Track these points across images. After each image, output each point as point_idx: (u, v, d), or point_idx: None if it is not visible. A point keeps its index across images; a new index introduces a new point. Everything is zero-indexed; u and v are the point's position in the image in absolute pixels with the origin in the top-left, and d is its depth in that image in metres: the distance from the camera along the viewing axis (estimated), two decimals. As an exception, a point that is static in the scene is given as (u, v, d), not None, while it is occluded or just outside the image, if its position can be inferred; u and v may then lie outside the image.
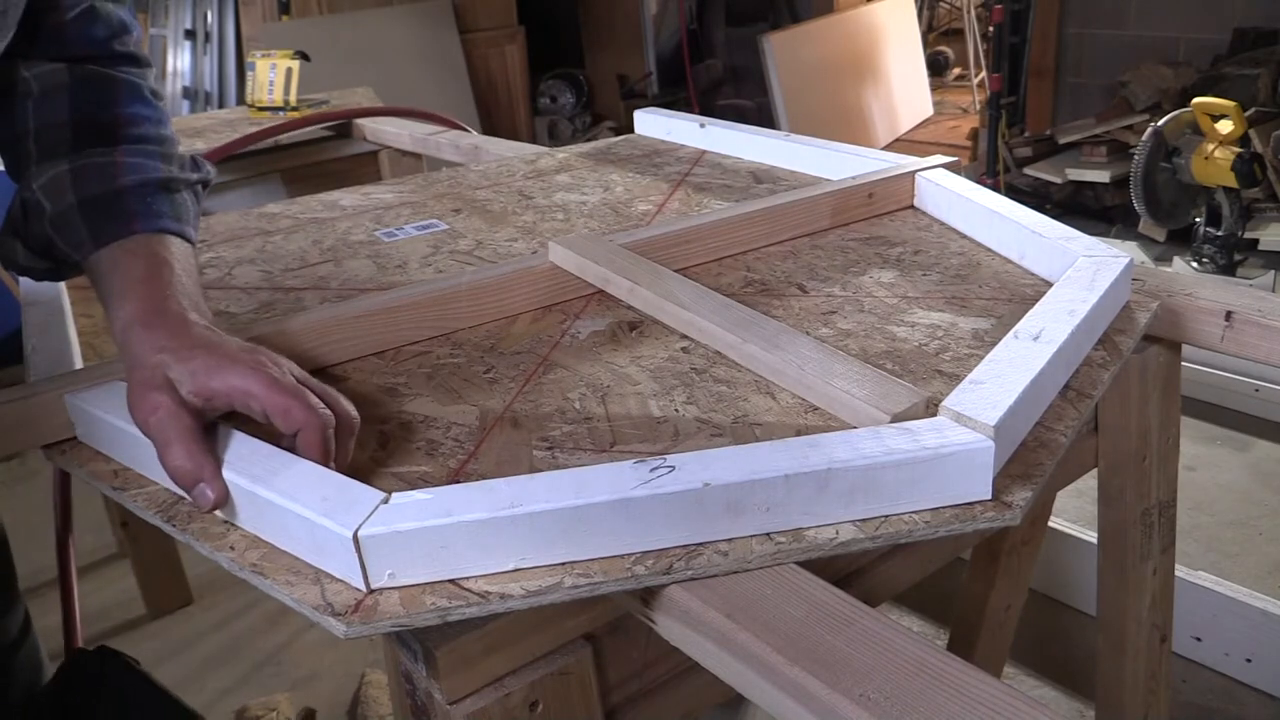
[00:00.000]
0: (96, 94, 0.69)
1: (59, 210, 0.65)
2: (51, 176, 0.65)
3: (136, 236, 0.65)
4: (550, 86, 5.15)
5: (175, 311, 0.60)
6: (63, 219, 0.65)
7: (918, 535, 0.52)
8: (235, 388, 0.55)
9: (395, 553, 0.48)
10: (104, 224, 0.65)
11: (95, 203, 0.65)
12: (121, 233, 0.64)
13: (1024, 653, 1.60)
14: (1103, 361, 0.69)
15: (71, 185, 0.65)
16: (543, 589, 0.49)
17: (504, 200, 1.14)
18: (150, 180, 0.67)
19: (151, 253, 0.64)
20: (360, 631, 0.47)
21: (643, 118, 1.45)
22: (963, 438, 0.53)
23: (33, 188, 0.66)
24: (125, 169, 0.66)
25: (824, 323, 0.77)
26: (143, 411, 0.56)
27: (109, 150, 0.67)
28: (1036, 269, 0.85)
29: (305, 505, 0.50)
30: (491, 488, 0.51)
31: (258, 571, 0.51)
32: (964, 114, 5.47)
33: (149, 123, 0.71)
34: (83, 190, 0.65)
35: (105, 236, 0.64)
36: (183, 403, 0.56)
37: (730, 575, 0.50)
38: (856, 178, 1.01)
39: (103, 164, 0.66)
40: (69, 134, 0.67)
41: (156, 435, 0.55)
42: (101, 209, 0.65)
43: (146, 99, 0.72)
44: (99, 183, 0.65)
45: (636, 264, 0.82)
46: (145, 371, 0.56)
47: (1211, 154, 2.76)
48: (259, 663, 1.76)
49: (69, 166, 0.65)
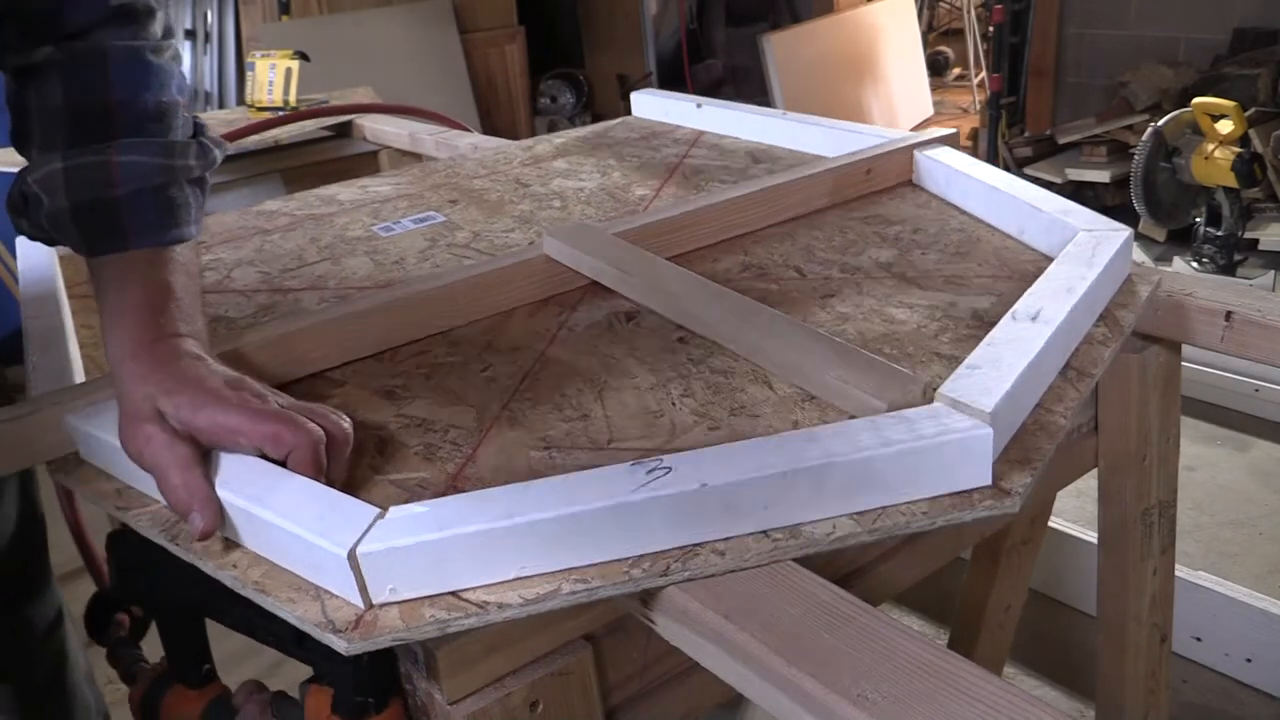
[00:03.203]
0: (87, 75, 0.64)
1: (53, 210, 0.63)
2: (47, 173, 0.63)
3: (131, 253, 0.63)
4: (550, 86, 5.15)
5: (166, 345, 0.59)
6: (57, 219, 0.63)
7: (916, 526, 0.52)
8: (220, 425, 0.55)
9: (394, 568, 0.48)
10: (97, 235, 0.63)
11: (88, 210, 0.62)
12: (116, 247, 0.63)
13: (1024, 653, 1.60)
14: (1103, 339, 0.68)
15: (64, 187, 0.62)
16: (540, 596, 0.49)
17: (501, 189, 1.14)
18: (146, 187, 0.64)
19: (146, 276, 0.62)
20: (362, 647, 0.47)
21: (640, 99, 1.43)
22: (960, 425, 0.52)
23: (28, 180, 0.64)
24: (121, 172, 0.63)
25: (821, 306, 0.76)
26: (135, 443, 0.56)
27: (103, 147, 0.63)
28: (1036, 244, 0.84)
29: (301, 524, 0.50)
30: (487, 497, 0.50)
31: (260, 589, 0.51)
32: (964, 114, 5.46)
33: (148, 93, 0.65)
34: (76, 194, 0.62)
35: (98, 248, 0.63)
36: (175, 431, 0.55)
37: (730, 575, 0.50)
38: (854, 154, 1.00)
39: (97, 164, 0.63)
40: (65, 121, 0.64)
41: (152, 467, 0.55)
42: (95, 218, 0.63)
43: (144, 62, 0.66)
44: (91, 188, 0.62)
45: (630, 254, 0.81)
46: (135, 405, 0.56)
47: (1211, 154, 2.76)
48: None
49: (62, 165, 0.63)
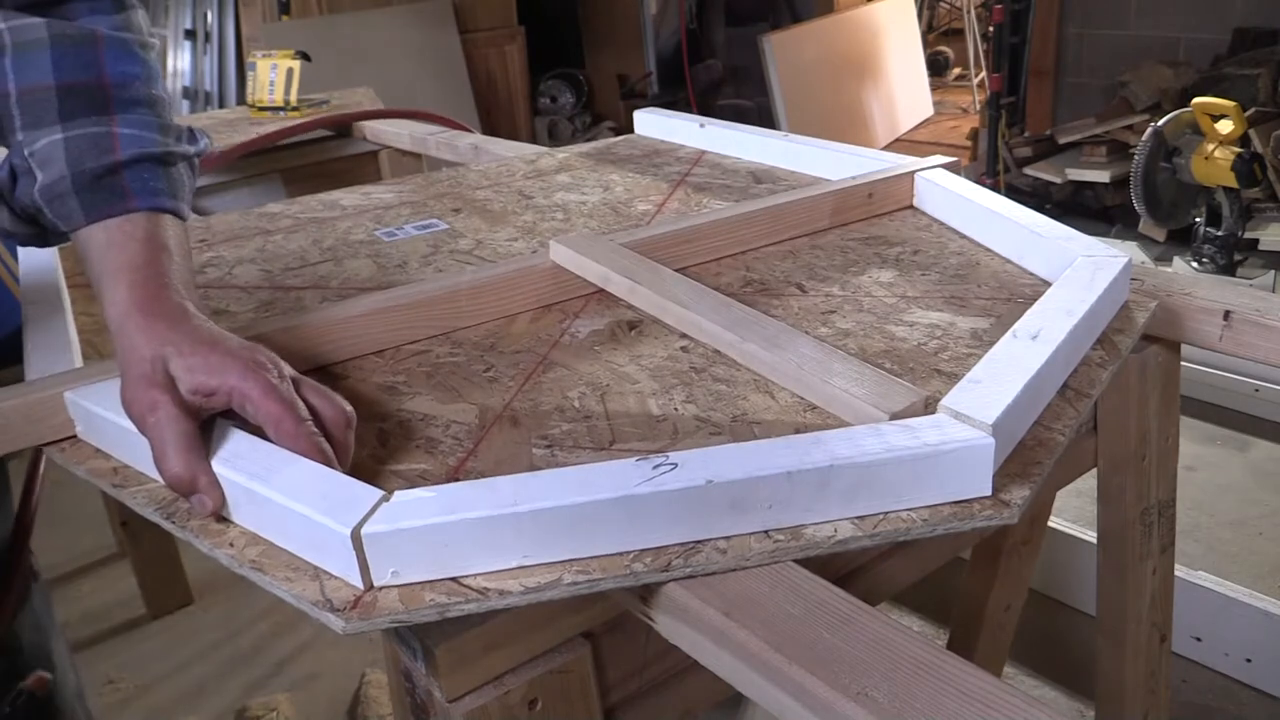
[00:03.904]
0: (78, 54, 0.64)
1: (50, 181, 0.62)
2: (46, 144, 0.62)
3: (132, 215, 0.63)
4: (550, 86, 5.15)
5: (175, 303, 0.59)
6: (54, 190, 0.62)
7: (916, 533, 0.52)
8: (234, 388, 0.55)
9: (398, 550, 0.48)
10: (98, 199, 0.62)
11: (90, 176, 0.62)
12: (116, 210, 0.62)
13: (1024, 653, 1.60)
14: (1101, 361, 0.69)
15: (65, 156, 0.62)
16: (541, 586, 0.49)
17: (504, 200, 1.14)
18: (147, 155, 0.64)
19: (148, 235, 0.62)
20: (359, 628, 0.47)
21: (643, 118, 1.45)
22: (964, 434, 0.53)
23: (24, 154, 0.63)
24: (122, 141, 0.63)
25: (823, 322, 0.77)
26: (140, 406, 0.55)
27: (104, 119, 0.64)
28: (1035, 269, 0.85)
29: (305, 503, 0.50)
30: (493, 485, 0.51)
31: (257, 568, 0.51)
32: (964, 114, 5.47)
33: (139, 82, 0.66)
34: (77, 163, 0.62)
35: (99, 213, 0.62)
36: (182, 403, 0.55)
37: (730, 573, 0.50)
38: (856, 178, 1.01)
39: (98, 134, 0.63)
40: (54, 100, 0.63)
41: (153, 436, 0.54)
42: (96, 183, 0.62)
43: (134, 54, 0.67)
44: (94, 155, 0.62)
45: (637, 263, 0.82)
46: (144, 365, 0.55)
47: (1211, 154, 2.76)
48: (259, 663, 1.76)
49: (63, 135, 0.63)
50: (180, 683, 1.71)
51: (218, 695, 1.68)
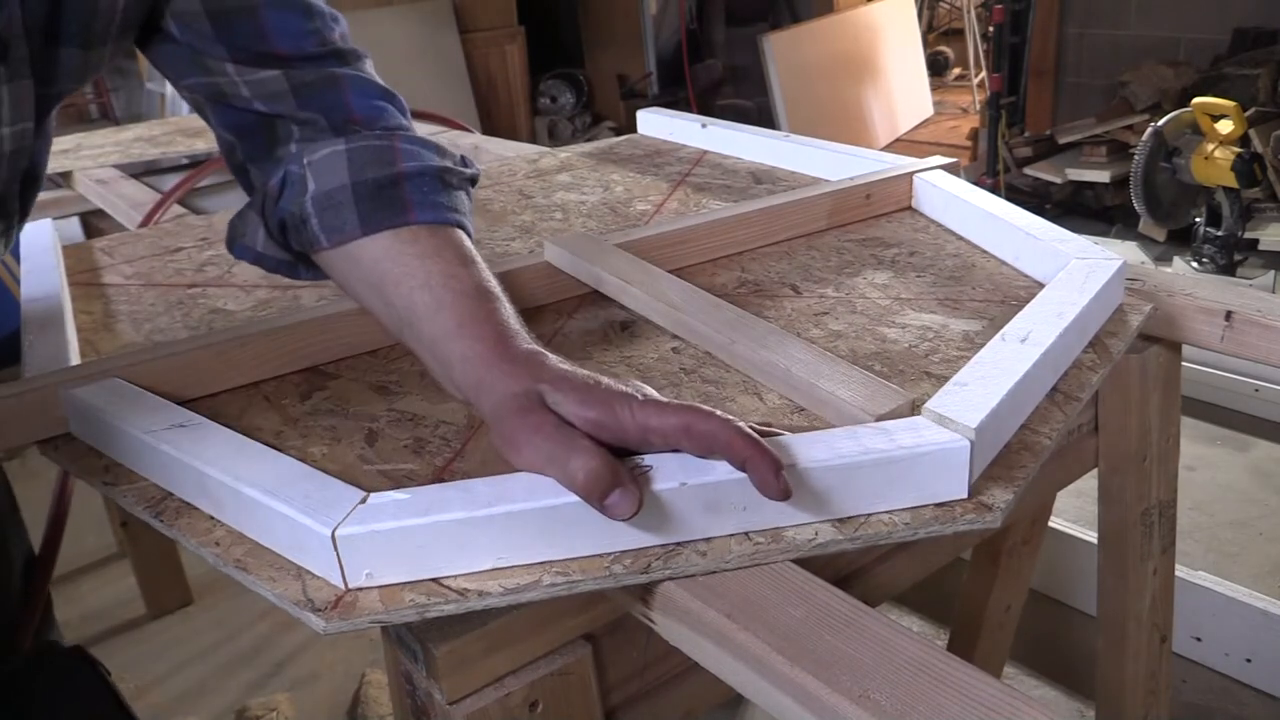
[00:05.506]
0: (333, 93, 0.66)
1: (328, 189, 0.62)
2: (328, 154, 0.62)
3: (412, 227, 0.62)
4: (550, 86, 5.15)
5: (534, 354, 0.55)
6: (330, 199, 0.62)
7: (898, 536, 0.52)
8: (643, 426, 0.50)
9: (372, 552, 0.48)
10: (377, 209, 0.61)
11: (371, 185, 0.62)
12: (395, 222, 0.61)
13: (1024, 653, 1.60)
14: (1092, 364, 0.69)
15: (348, 165, 0.62)
16: (520, 587, 0.49)
17: (504, 199, 1.14)
18: (429, 169, 0.64)
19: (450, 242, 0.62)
20: (339, 628, 0.47)
21: (645, 118, 1.45)
22: (939, 437, 0.53)
23: (303, 162, 0.63)
24: (403, 155, 0.63)
25: (815, 324, 0.76)
26: (524, 433, 0.51)
27: (386, 133, 0.64)
28: (1030, 271, 0.84)
29: (286, 503, 0.50)
30: (469, 488, 0.51)
31: (241, 567, 0.51)
32: (964, 114, 5.47)
33: (401, 115, 0.68)
34: (359, 172, 0.62)
35: (376, 224, 0.61)
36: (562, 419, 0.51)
37: (730, 576, 0.50)
38: (854, 179, 1.01)
39: (380, 147, 0.63)
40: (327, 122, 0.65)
41: (548, 456, 0.50)
42: (377, 193, 0.62)
43: (387, 93, 0.68)
44: (376, 166, 0.62)
45: (630, 264, 0.82)
46: (514, 399, 0.52)
47: (1211, 154, 2.76)
48: (259, 663, 1.76)
49: (345, 147, 0.63)
50: (180, 683, 1.71)
51: (218, 695, 1.68)
